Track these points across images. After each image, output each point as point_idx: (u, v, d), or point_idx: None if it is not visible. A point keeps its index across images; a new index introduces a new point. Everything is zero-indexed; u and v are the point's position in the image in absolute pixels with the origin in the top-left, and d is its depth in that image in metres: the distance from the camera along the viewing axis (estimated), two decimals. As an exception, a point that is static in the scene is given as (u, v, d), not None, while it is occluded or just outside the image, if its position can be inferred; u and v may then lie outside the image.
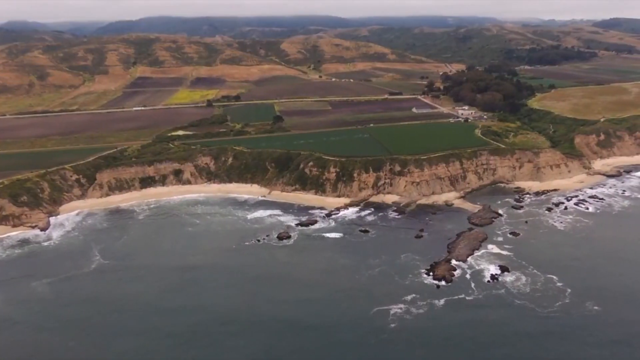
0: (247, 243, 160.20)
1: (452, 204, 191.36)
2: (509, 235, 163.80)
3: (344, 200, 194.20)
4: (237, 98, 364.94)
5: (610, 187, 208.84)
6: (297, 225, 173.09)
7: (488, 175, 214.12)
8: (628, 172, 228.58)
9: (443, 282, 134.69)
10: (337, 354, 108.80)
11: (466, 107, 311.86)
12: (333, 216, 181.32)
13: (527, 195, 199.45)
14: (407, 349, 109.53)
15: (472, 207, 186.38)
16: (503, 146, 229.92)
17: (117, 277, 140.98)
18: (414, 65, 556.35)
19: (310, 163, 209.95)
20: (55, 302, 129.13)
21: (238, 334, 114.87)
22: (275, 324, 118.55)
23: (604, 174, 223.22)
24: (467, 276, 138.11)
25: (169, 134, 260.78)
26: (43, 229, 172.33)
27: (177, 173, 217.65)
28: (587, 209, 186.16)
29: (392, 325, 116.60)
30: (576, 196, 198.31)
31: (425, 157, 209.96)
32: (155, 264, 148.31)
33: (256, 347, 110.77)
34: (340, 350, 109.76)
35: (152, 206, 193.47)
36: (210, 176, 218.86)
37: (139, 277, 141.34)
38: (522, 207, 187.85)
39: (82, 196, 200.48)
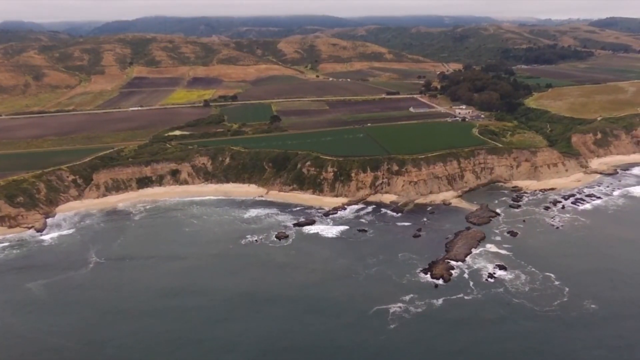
0: (244, 243, 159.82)
1: (450, 203, 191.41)
2: (506, 234, 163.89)
3: (341, 200, 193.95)
4: (234, 98, 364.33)
5: (607, 186, 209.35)
6: (294, 225, 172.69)
7: (485, 174, 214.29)
8: (625, 170, 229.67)
9: (441, 282, 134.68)
10: (337, 354, 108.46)
11: (463, 107, 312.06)
12: (331, 216, 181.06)
13: (525, 194, 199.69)
14: (406, 348, 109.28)
15: (469, 207, 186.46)
16: (500, 145, 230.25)
17: (114, 276, 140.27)
18: (411, 65, 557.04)
19: (308, 163, 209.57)
20: (52, 302, 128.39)
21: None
22: (272, 323, 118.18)
23: (600, 173, 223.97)
24: (465, 275, 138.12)
25: (166, 134, 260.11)
26: (39, 230, 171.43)
27: (174, 173, 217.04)
28: (585, 207, 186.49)
29: (392, 325, 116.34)
30: (573, 195, 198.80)
31: (422, 156, 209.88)
32: (152, 265, 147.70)
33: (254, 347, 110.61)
34: (340, 349, 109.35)
35: (149, 207, 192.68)
36: (208, 176, 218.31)
37: (135, 277, 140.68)
38: (519, 206, 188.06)
39: (79, 197, 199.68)
